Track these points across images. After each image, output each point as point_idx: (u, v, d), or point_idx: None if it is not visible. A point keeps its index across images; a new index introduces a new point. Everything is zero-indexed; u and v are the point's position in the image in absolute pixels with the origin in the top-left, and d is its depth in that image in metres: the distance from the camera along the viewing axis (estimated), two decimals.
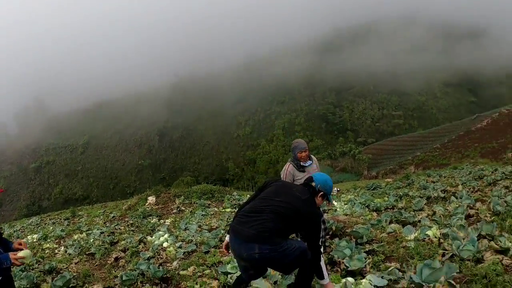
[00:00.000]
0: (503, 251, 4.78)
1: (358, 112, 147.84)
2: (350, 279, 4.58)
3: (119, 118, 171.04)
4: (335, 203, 11.89)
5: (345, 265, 5.12)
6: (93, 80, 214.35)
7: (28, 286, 6.55)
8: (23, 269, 7.61)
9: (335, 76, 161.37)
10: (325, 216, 7.11)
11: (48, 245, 11.62)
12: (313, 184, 4.34)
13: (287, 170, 6.46)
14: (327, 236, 6.79)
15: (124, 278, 5.95)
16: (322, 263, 4.22)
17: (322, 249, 4.32)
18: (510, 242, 4.93)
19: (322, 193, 4.30)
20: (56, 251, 10.65)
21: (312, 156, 6.62)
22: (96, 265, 8.43)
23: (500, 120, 68.12)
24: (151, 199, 17.64)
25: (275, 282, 4.85)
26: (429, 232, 6.23)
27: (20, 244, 4.15)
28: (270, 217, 3.96)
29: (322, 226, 4.56)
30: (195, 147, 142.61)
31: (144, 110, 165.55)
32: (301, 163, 6.35)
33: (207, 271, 6.35)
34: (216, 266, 6.47)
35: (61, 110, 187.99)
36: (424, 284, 3.93)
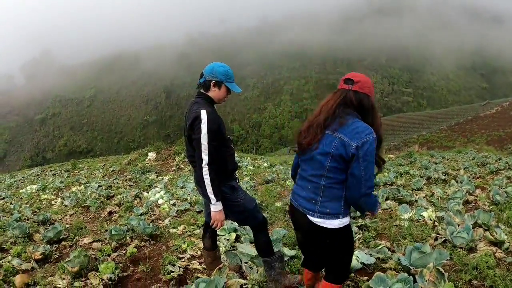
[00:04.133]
0: (498, 243, 4.69)
1: None
2: None
3: (127, 73, 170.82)
4: None
5: None
6: (102, 33, 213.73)
7: (20, 236, 6.54)
8: (17, 219, 7.63)
9: (348, 46, 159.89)
10: None
11: (46, 196, 11.68)
12: (201, 80, 3.61)
13: None
14: None
15: (113, 232, 5.92)
16: (209, 182, 3.39)
17: (207, 171, 3.37)
18: (506, 234, 4.84)
19: (214, 81, 3.53)
20: (53, 202, 10.69)
21: None
22: (90, 218, 8.44)
23: (510, 109, 67.55)
24: (152, 155, 17.63)
25: None
26: (424, 214, 6.14)
27: None
28: (188, 148, 3.68)
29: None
30: None
31: (152, 66, 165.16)
32: None
33: (197, 231, 6.32)
34: None
35: (69, 63, 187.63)
36: (411, 267, 3.85)
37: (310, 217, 3.03)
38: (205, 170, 3.37)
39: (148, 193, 10.42)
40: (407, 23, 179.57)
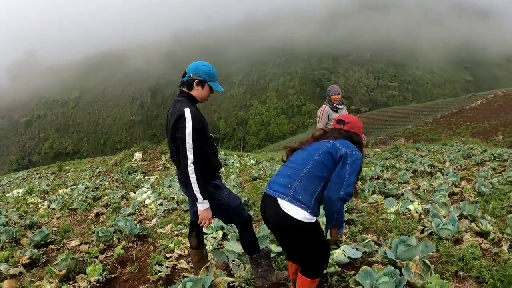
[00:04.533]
0: (483, 234, 4.73)
1: (354, 80, 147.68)
2: None
3: (112, 73, 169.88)
4: None
5: None
6: (87, 33, 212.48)
7: (7, 240, 6.51)
8: (4, 223, 7.56)
9: (334, 42, 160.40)
10: None
11: (32, 199, 11.58)
12: (184, 79, 3.62)
13: (324, 110, 7.30)
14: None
15: (100, 234, 5.90)
16: (195, 181, 3.39)
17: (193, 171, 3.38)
18: (491, 225, 4.88)
19: (197, 80, 3.55)
20: (39, 205, 10.62)
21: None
22: (77, 221, 8.41)
23: (494, 102, 68.20)
24: (138, 155, 17.54)
25: None
26: (410, 207, 6.18)
27: None
28: (172, 147, 3.67)
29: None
30: None
31: (137, 65, 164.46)
32: (335, 104, 7.23)
33: (184, 230, 6.31)
34: None
35: (54, 64, 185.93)
36: (397, 260, 3.87)
37: (279, 201, 3.11)
38: (191, 169, 3.37)
39: (135, 193, 10.38)
40: (394, 18, 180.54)
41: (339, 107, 7.28)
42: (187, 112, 3.36)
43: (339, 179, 3.03)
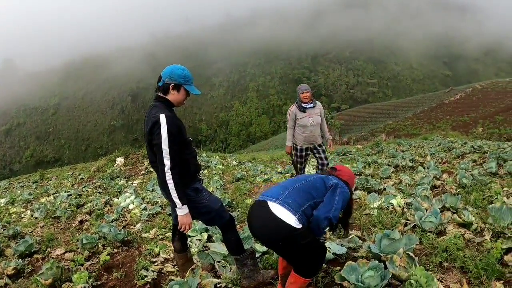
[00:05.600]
0: (466, 225, 4.77)
1: (333, 78, 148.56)
2: None
3: (91, 78, 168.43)
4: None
5: None
6: (65, 39, 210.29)
7: None
8: None
9: (313, 41, 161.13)
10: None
11: (15, 209, 11.44)
12: (159, 83, 3.57)
13: (291, 111, 7.29)
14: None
15: (84, 241, 5.85)
16: (173, 186, 3.37)
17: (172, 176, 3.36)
18: (473, 216, 4.93)
19: (172, 84, 3.50)
20: (22, 215, 10.50)
21: (318, 102, 7.39)
22: (61, 229, 8.33)
23: (473, 95, 69.17)
24: (120, 160, 17.43)
25: None
26: (393, 201, 6.21)
27: None
28: (150, 153, 3.66)
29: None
30: None
31: (116, 70, 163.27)
32: (303, 104, 7.13)
33: (169, 234, 6.29)
34: None
35: (32, 71, 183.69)
36: (382, 254, 3.90)
37: (270, 204, 3.15)
38: (168, 175, 3.35)
39: (118, 199, 10.32)
40: (373, 15, 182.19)
41: (307, 106, 7.15)
42: (162, 117, 3.34)
43: (330, 202, 3.24)
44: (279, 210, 3.08)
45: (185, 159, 3.54)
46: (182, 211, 3.47)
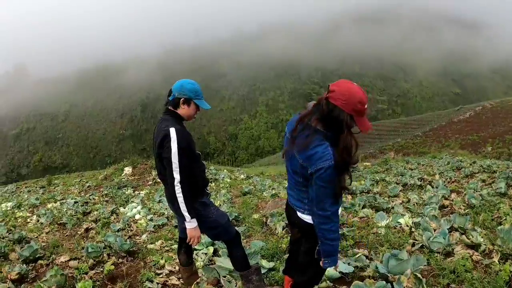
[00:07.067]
0: (474, 246, 4.74)
1: None
2: None
3: (101, 87, 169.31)
4: None
5: None
6: (77, 47, 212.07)
7: None
8: None
9: (323, 56, 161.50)
10: None
11: (21, 213, 11.45)
12: (170, 98, 3.58)
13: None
14: None
15: (89, 250, 5.82)
16: (182, 200, 3.37)
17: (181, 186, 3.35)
18: (482, 237, 4.89)
19: (183, 99, 3.52)
20: (28, 220, 10.50)
21: None
22: (66, 236, 8.32)
23: (482, 114, 68.75)
24: (128, 169, 17.48)
25: None
26: (401, 220, 6.18)
27: None
28: (158, 165, 3.65)
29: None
30: None
31: (127, 80, 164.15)
32: None
33: (175, 246, 6.26)
34: None
35: (43, 77, 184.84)
36: (389, 275, 3.87)
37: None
38: (178, 189, 3.35)
39: (124, 208, 10.33)
40: (383, 32, 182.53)
41: None
42: (172, 131, 3.36)
43: (311, 196, 2.82)
44: (296, 209, 3.12)
45: (193, 173, 3.55)
46: (191, 224, 3.47)
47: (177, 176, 3.34)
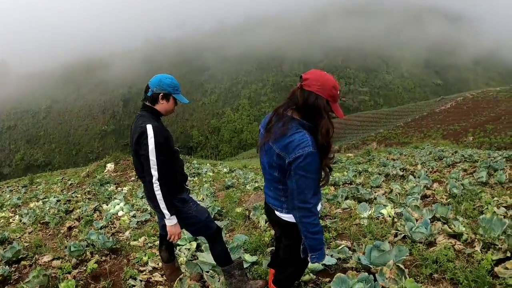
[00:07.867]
0: (456, 236, 4.77)
1: None
2: None
3: (83, 83, 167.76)
4: None
5: None
6: (58, 42, 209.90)
7: None
8: None
9: (305, 48, 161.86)
10: None
11: (3, 214, 11.32)
12: (148, 94, 3.51)
13: None
14: None
15: (72, 249, 5.76)
16: (161, 197, 3.32)
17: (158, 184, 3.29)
18: (464, 226, 4.93)
19: (162, 94, 3.45)
20: (11, 220, 10.39)
21: None
22: (49, 235, 8.24)
23: (464, 104, 69.60)
24: (110, 166, 17.34)
25: None
26: (383, 211, 6.20)
27: None
28: (136, 163, 3.61)
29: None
30: None
31: (109, 75, 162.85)
32: None
33: (158, 242, 6.23)
34: None
35: (24, 73, 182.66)
36: (371, 266, 3.88)
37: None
38: (156, 186, 3.31)
39: (107, 205, 10.25)
40: (365, 24, 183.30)
41: None
42: (149, 128, 3.30)
43: (290, 189, 2.74)
44: (275, 208, 3.10)
45: (172, 169, 3.51)
46: (171, 221, 3.43)
47: (155, 173, 3.30)
